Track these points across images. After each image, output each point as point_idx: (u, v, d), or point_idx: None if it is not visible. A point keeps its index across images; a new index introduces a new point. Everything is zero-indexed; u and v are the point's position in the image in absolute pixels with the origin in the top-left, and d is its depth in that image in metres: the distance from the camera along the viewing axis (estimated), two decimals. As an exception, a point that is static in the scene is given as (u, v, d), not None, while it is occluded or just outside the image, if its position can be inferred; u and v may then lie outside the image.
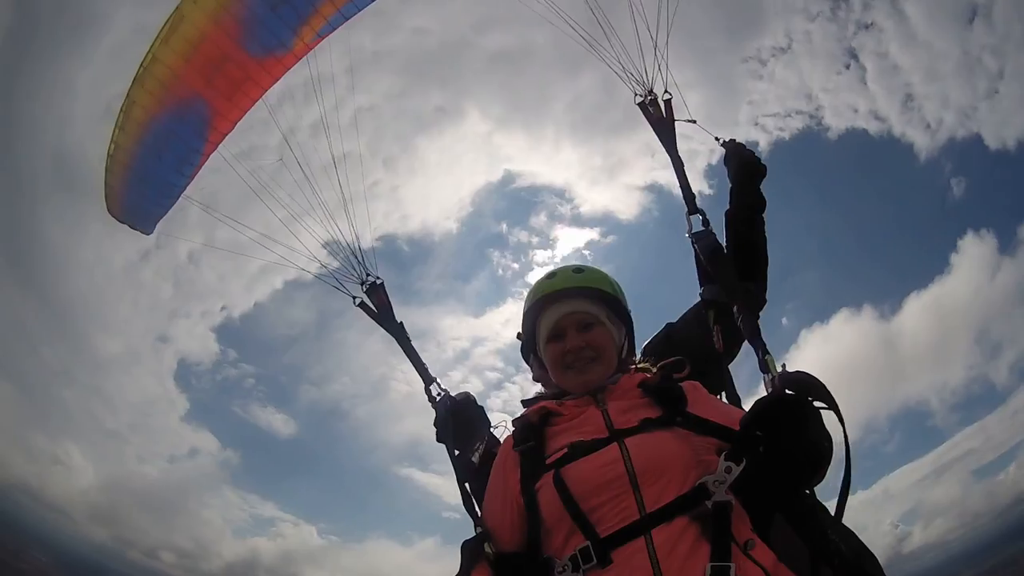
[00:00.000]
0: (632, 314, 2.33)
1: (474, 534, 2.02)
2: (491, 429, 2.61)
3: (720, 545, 1.61)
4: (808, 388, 1.81)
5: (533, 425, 2.03)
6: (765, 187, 2.74)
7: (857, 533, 1.85)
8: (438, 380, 2.83)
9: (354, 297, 3.25)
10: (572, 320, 2.15)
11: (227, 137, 3.75)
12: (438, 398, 2.77)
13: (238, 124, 3.70)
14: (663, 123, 2.92)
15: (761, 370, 2.10)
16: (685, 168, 2.80)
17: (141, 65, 3.41)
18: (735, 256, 2.56)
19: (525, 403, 2.26)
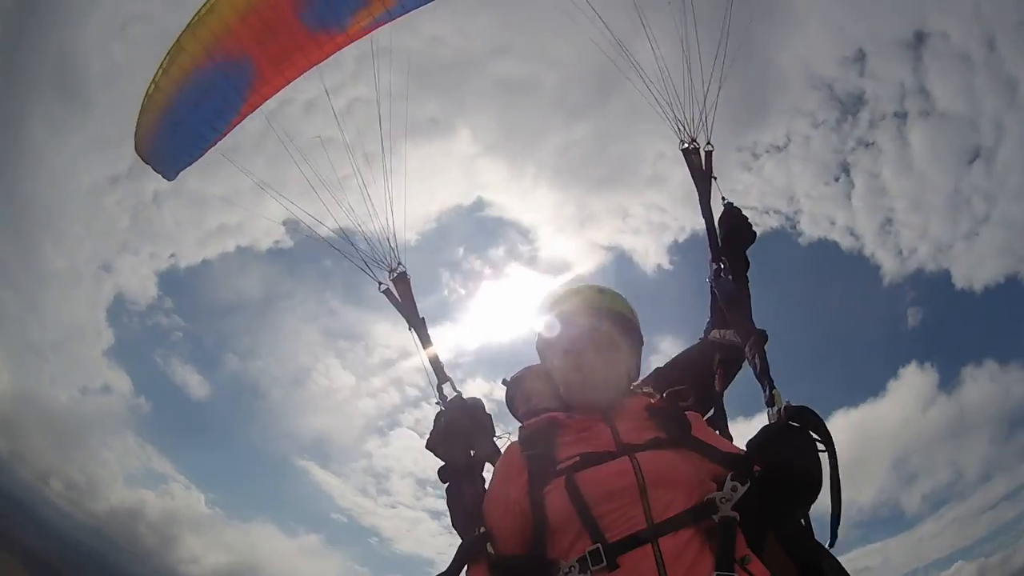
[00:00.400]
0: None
1: (476, 534, 2.03)
2: (495, 438, 2.59)
3: (724, 557, 1.70)
4: (810, 421, 1.95)
5: (544, 432, 2.09)
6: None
7: None
8: (452, 380, 2.74)
9: (379, 283, 3.20)
10: (589, 339, 2.21)
11: (266, 102, 3.75)
12: (449, 398, 2.68)
13: (279, 92, 3.69)
14: (701, 173, 2.98)
15: (767, 404, 2.19)
16: (712, 219, 2.87)
17: (196, 13, 3.42)
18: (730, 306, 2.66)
19: (532, 412, 2.31)
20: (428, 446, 2.47)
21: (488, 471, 2.40)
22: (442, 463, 2.36)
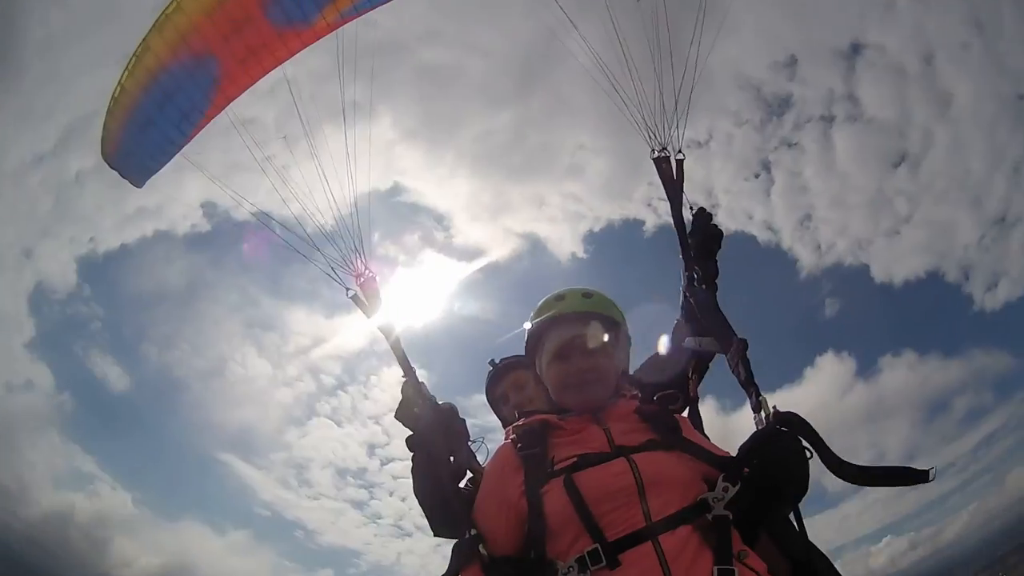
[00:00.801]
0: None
1: (467, 536, 2.04)
2: (470, 442, 2.66)
3: (722, 552, 1.75)
4: (798, 427, 1.99)
5: (538, 432, 2.11)
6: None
7: None
8: (425, 383, 2.74)
9: (347, 288, 3.18)
10: (577, 343, 2.24)
11: (233, 102, 3.68)
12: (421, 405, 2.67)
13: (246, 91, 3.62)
14: (672, 181, 3.01)
15: (754, 410, 2.22)
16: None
17: (163, 11, 3.40)
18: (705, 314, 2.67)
19: (522, 414, 2.31)
20: (396, 416, 2.60)
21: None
22: (409, 432, 2.51)
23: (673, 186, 3.01)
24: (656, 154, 3.08)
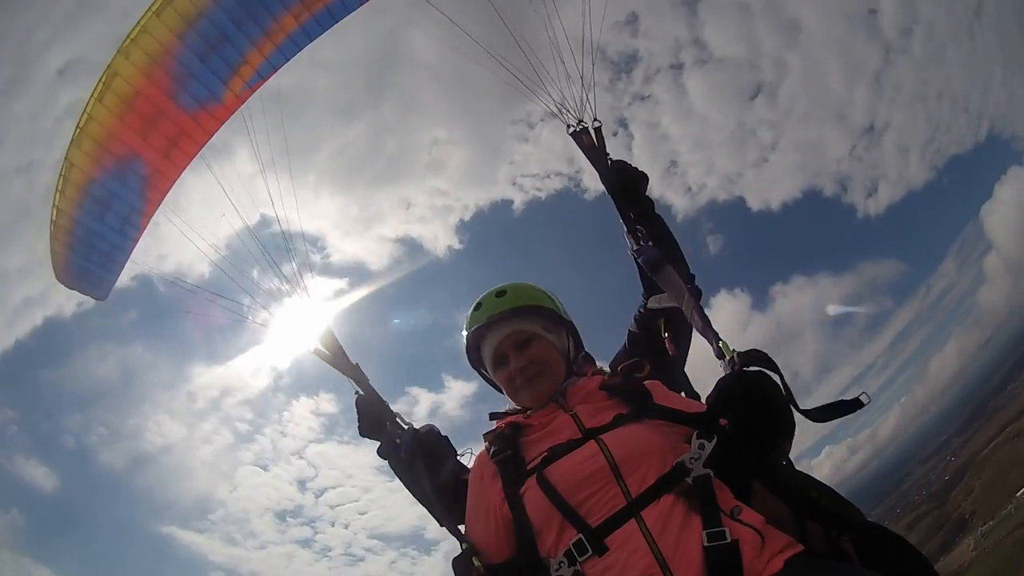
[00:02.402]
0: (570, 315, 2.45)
1: (461, 550, 2.02)
2: (458, 456, 2.64)
3: (709, 513, 1.67)
4: (766, 362, 1.98)
5: (507, 436, 2.09)
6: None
7: None
8: (400, 416, 2.82)
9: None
10: (508, 343, 2.24)
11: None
12: (401, 433, 2.74)
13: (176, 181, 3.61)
14: (595, 150, 3.06)
15: (717, 357, 2.20)
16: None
17: (77, 125, 3.40)
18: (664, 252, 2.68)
19: (493, 416, 2.32)
20: (360, 432, 2.77)
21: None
22: (377, 443, 2.67)
23: (596, 153, 3.05)
24: (573, 128, 3.14)
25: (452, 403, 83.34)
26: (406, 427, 2.75)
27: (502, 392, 2.39)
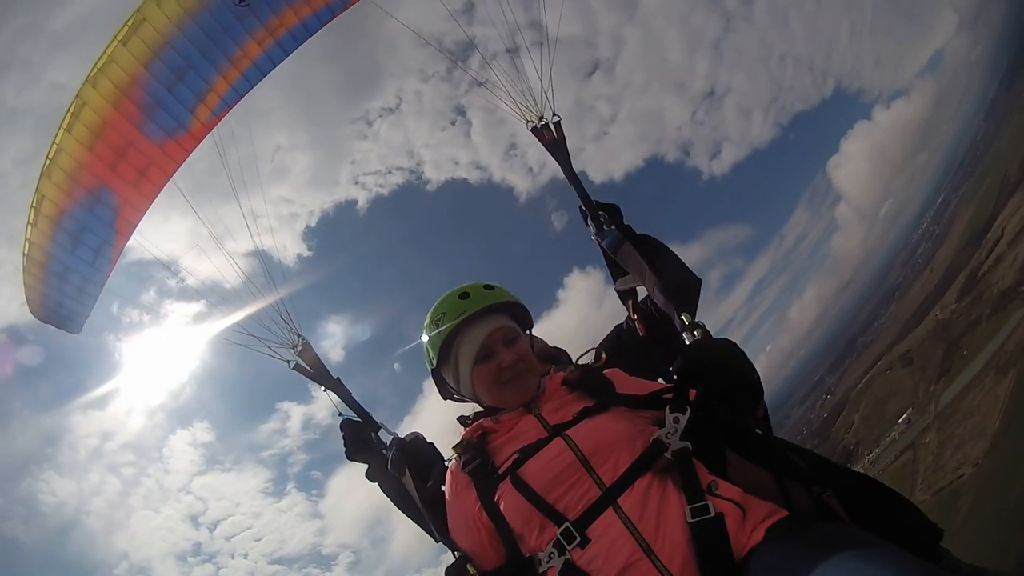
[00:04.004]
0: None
1: (455, 559, 2.01)
2: (445, 462, 2.56)
3: (691, 488, 1.65)
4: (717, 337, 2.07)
5: (475, 444, 2.07)
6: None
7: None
8: (385, 425, 2.88)
9: (288, 361, 3.23)
10: (497, 337, 2.16)
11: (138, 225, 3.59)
12: (386, 445, 2.78)
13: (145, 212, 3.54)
14: (556, 143, 3.13)
15: (680, 330, 2.22)
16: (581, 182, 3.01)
17: (47, 156, 3.37)
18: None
19: (462, 420, 2.28)
20: (348, 456, 2.79)
21: None
22: (365, 466, 2.71)
23: (557, 147, 3.13)
24: (534, 124, 3.20)
25: (323, 412, 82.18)
26: (391, 437, 2.76)
27: (452, 395, 2.32)
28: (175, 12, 3.15)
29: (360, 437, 2.83)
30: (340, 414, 2.97)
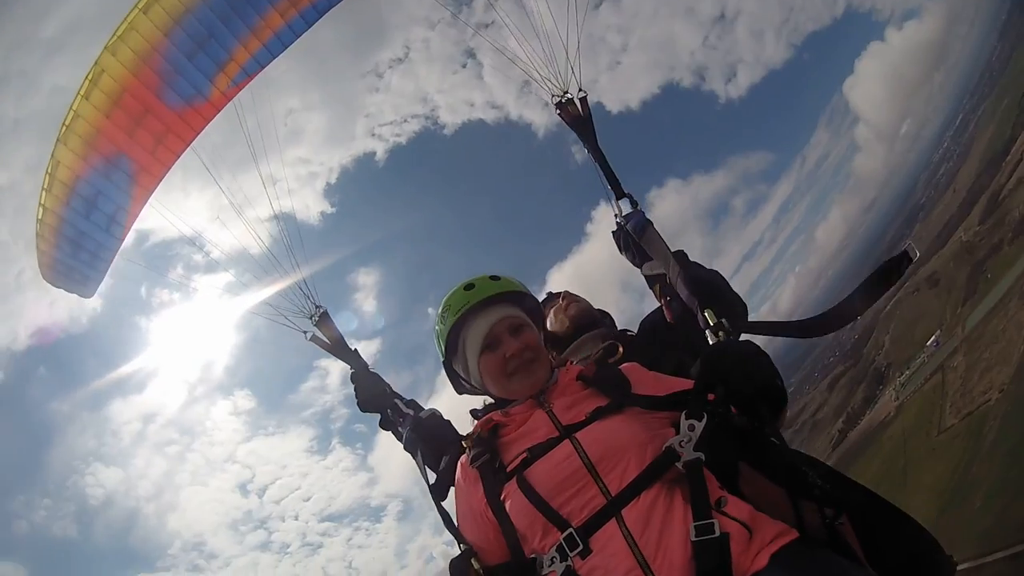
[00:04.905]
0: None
1: (459, 552, 1.99)
2: (462, 442, 2.49)
3: (699, 503, 1.59)
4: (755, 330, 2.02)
5: (485, 439, 2.02)
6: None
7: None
8: (400, 400, 2.91)
9: (304, 332, 3.27)
10: (504, 326, 2.12)
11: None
12: (402, 421, 2.81)
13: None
14: (580, 120, 3.09)
15: (703, 327, 2.14)
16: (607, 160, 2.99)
17: (63, 123, 3.40)
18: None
19: (474, 413, 2.25)
20: (360, 408, 2.89)
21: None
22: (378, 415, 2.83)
23: (582, 123, 3.08)
24: (558, 99, 3.15)
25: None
26: (407, 414, 2.78)
27: (465, 388, 2.29)
28: (196, -19, 3.19)
29: (370, 388, 2.89)
30: (351, 369, 3.05)
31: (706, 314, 2.16)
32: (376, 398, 2.88)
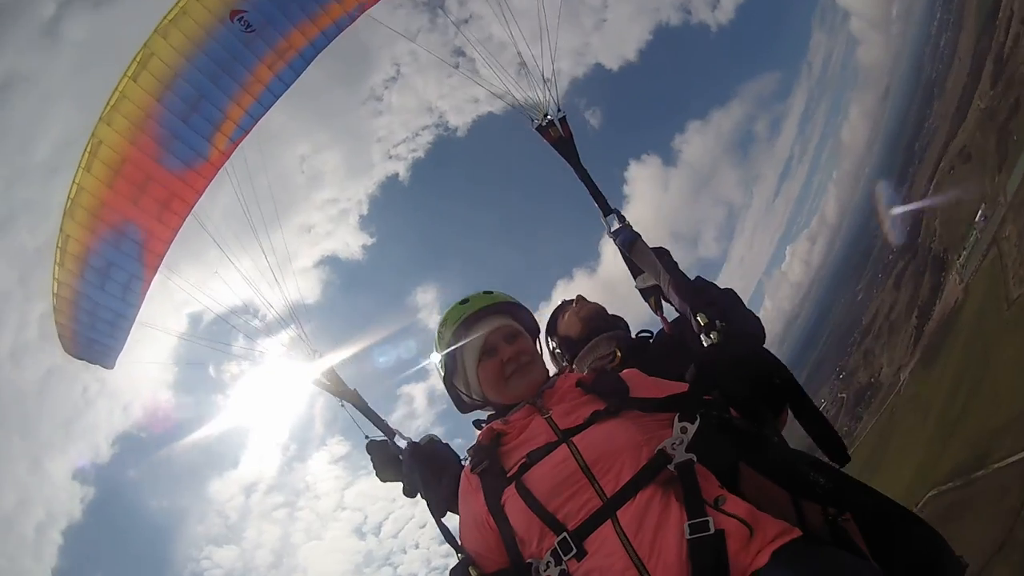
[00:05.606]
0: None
1: (458, 561, 2.04)
2: (462, 463, 2.60)
3: (692, 503, 1.60)
4: (749, 334, 2.04)
5: (485, 447, 2.07)
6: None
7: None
8: (400, 431, 2.94)
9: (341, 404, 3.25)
10: (499, 335, 2.26)
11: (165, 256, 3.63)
12: (400, 450, 2.86)
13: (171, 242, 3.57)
14: (563, 140, 3.12)
15: (697, 332, 2.16)
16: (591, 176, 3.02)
17: (68, 197, 3.38)
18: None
19: (476, 424, 2.34)
20: (380, 478, 2.86)
21: None
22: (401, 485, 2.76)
23: (564, 143, 3.11)
24: (539, 123, 3.18)
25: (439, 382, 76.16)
26: (405, 442, 2.82)
27: (466, 403, 2.39)
28: (182, 43, 3.14)
29: (388, 457, 2.88)
30: (366, 436, 3.01)
31: (699, 318, 2.17)
32: (392, 461, 2.85)
